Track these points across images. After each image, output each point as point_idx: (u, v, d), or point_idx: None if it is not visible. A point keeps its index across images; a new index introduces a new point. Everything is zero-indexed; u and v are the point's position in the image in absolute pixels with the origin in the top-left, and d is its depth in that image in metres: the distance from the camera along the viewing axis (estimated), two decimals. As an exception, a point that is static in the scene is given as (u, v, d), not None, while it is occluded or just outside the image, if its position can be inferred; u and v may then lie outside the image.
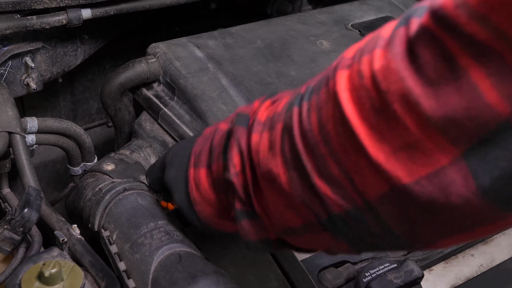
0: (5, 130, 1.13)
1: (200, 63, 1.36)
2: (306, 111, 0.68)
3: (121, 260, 1.01)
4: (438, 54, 0.55)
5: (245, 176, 0.78)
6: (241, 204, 0.80)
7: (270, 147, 0.73)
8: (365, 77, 0.61)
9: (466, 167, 0.56)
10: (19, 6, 1.31)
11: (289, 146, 0.70)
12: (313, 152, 0.67)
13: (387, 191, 0.62)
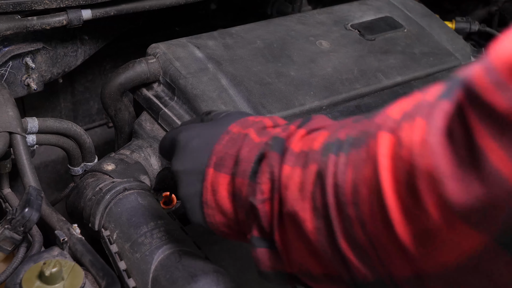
0: (5, 130, 1.13)
1: (200, 63, 1.36)
2: (343, 164, 0.65)
3: (122, 260, 1.01)
4: (463, 132, 0.52)
5: (272, 206, 0.74)
6: (260, 232, 0.76)
7: (301, 188, 0.69)
8: (403, 146, 0.57)
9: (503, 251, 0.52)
10: (19, 7, 1.31)
11: (321, 195, 0.67)
12: (342, 210, 0.64)
13: (411, 276, 0.59)
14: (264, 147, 0.78)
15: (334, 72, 1.41)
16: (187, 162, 0.86)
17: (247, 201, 0.77)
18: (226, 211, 0.83)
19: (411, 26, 1.62)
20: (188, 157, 0.87)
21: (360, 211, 0.61)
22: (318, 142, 0.71)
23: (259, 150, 0.79)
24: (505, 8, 2.17)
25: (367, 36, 1.55)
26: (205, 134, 0.87)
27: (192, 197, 0.86)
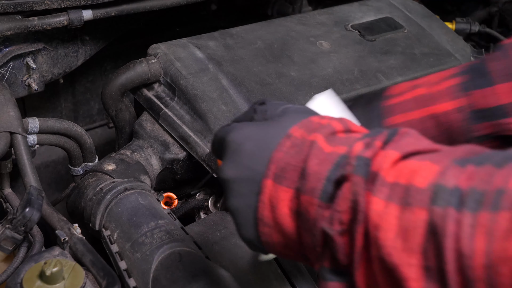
0: (6, 130, 1.13)
1: (201, 63, 1.36)
2: (469, 226, 0.54)
3: (122, 259, 1.01)
4: None
5: (353, 241, 0.63)
6: (334, 265, 0.66)
7: (403, 236, 0.58)
8: None
9: None
10: (20, 7, 1.32)
11: (436, 256, 0.56)
12: (468, 287, 0.54)
13: None
14: (343, 165, 0.66)
15: (334, 73, 1.41)
16: (240, 169, 0.74)
17: (316, 225, 0.66)
18: (287, 231, 0.71)
19: (411, 27, 1.62)
20: (241, 163, 0.74)
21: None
22: (422, 178, 0.59)
23: (331, 165, 0.67)
24: (505, 9, 2.17)
25: (367, 37, 1.55)
26: (261, 136, 0.75)
27: (244, 211, 0.74)
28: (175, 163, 1.31)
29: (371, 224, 0.60)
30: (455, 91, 0.88)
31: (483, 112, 0.84)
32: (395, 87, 1.06)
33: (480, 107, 0.85)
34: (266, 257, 1.01)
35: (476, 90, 0.85)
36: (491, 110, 0.83)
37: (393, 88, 1.04)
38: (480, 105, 0.85)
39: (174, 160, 1.31)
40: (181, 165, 1.31)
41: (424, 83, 0.95)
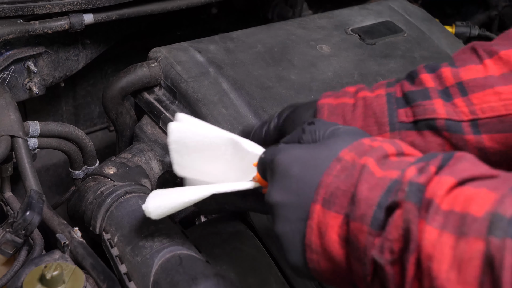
0: (7, 133, 1.13)
1: (201, 67, 1.37)
2: None
3: (122, 263, 1.01)
4: None
5: (404, 271, 0.61)
6: None
7: (459, 268, 0.56)
8: None
9: None
10: (21, 11, 1.32)
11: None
12: None
13: None
14: (395, 190, 0.63)
15: (334, 76, 1.41)
16: (288, 194, 0.72)
17: (366, 254, 0.64)
18: (335, 258, 0.69)
19: (411, 31, 1.62)
20: (289, 187, 0.72)
21: None
22: (479, 207, 0.57)
23: (382, 190, 0.64)
24: (505, 12, 2.17)
25: (367, 41, 1.55)
26: (310, 160, 0.72)
27: (291, 237, 0.72)
28: (176, 166, 1.31)
29: (424, 254, 0.58)
30: (384, 85, 0.88)
31: (406, 96, 0.83)
32: None
33: (404, 91, 0.84)
34: None
35: (402, 81, 0.86)
36: (414, 93, 0.82)
37: None
38: (404, 90, 0.84)
39: (175, 164, 1.31)
40: (182, 168, 1.32)
41: None
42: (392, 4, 1.75)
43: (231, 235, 1.15)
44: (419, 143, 0.81)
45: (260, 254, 1.12)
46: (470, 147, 0.78)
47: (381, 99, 0.84)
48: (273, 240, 1.14)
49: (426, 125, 0.80)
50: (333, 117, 0.85)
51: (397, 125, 0.82)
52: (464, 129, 0.78)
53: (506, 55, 0.77)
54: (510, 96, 0.75)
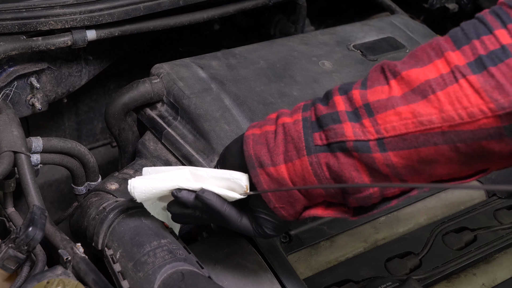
0: (10, 149, 1.14)
1: (203, 83, 1.37)
2: None
3: (125, 279, 1.01)
4: None
5: None
6: None
7: None
8: None
9: None
10: (25, 28, 1.33)
11: None
12: None
13: None
14: None
15: (336, 92, 1.41)
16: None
17: None
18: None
19: (413, 47, 1.63)
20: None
21: None
22: None
23: None
24: (507, 29, 2.17)
25: (369, 57, 1.56)
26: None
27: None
28: (178, 182, 1.31)
29: None
30: (301, 108, 0.95)
31: (319, 120, 0.89)
32: None
33: (317, 116, 0.90)
34: None
35: (317, 104, 0.91)
36: (326, 117, 0.88)
37: None
38: (317, 114, 0.90)
39: (177, 179, 1.31)
40: (184, 184, 1.32)
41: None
42: (394, 20, 1.75)
43: (233, 251, 1.15)
44: (333, 163, 0.87)
45: (262, 270, 1.12)
46: (379, 164, 0.85)
47: (298, 125, 0.91)
48: (274, 257, 1.14)
49: (338, 147, 0.87)
50: (258, 146, 0.94)
51: (313, 148, 0.89)
52: (371, 148, 0.84)
53: (407, 75, 0.83)
54: (409, 116, 0.81)
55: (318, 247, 1.25)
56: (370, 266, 1.22)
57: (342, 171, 0.87)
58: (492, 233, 1.33)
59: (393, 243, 1.29)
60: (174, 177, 1.00)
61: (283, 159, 0.91)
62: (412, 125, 0.81)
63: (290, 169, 0.91)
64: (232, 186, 0.97)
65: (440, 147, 0.82)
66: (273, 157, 0.92)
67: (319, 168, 0.88)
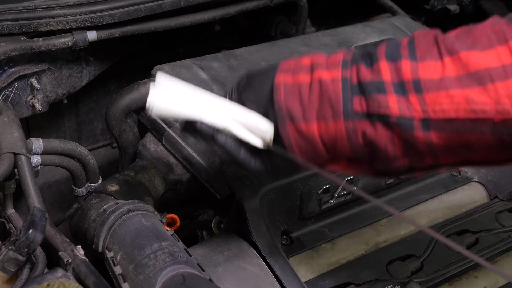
0: (10, 151, 1.13)
1: (204, 84, 1.36)
2: None
3: (125, 281, 1.01)
4: None
5: None
6: None
7: None
8: None
9: None
10: (25, 28, 1.32)
11: None
12: None
13: None
14: None
15: (338, 94, 1.41)
16: None
17: None
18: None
19: (414, 48, 1.62)
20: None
21: None
22: None
23: None
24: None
25: (371, 58, 1.55)
26: None
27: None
28: (179, 184, 1.31)
29: None
30: (340, 63, 0.89)
31: (362, 86, 0.85)
32: None
33: (360, 80, 0.85)
34: None
35: (359, 64, 0.87)
36: (370, 85, 0.84)
37: None
38: (360, 78, 0.85)
39: (178, 181, 1.31)
40: (185, 186, 1.31)
41: (322, 54, 0.97)
42: (395, 21, 1.75)
43: (234, 253, 1.15)
44: (370, 133, 0.84)
45: (263, 273, 1.12)
46: (418, 142, 0.82)
47: (337, 85, 0.86)
48: (276, 259, 1.14)
49: (378, 118, 0.84)
50: (290, 98, 0.89)
51: (351, 114, 0.85)
52: (415, 126, 0.81)
53: (466, 57, 0.79)
54: (461, 101, 0.78)
55: (319, 249, 1.25)
56: (372, 269, 1.22)
57: (378, 142, 0.85)
58: (494, 236, 1.33)
59: (394, 245, 1.28)
60: (199, 106, 0.94)
61: (316, 117, 0.87)
62: (464, 111, 0.78)
63: (322, 128, 0.87)
64: (254, 130, 0.92)
65: (486, 136, 0.79)
66: (305, 113, 0.88)
67: (354, 134, 0.86)
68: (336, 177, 0.82)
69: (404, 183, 1.41)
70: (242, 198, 1.16)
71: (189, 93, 0.95)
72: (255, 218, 1.16)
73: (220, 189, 1.19)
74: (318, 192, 1.25)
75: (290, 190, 1.22)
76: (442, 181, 1.46)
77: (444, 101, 0.79)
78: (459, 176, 1.47)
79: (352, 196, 1.31)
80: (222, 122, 0.92)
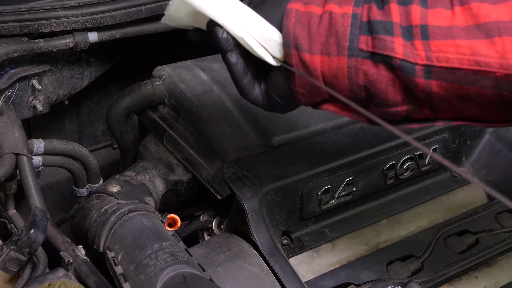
0: (12, 151, 1.14)
1: (205, 85, 1.37)
2: None
3: (126, 281, 1.01)
4: None
5: None
6: None
7: None
8: None
9: None
10: (26, 29, 1.33)
11: None
12: None
13: None
14: None
15: (338, 95, 1.41)
16: None
17: None
18: None
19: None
20: None
21: None
22: None
23: None
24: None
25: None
26: None
27: None
28: (180, 184, 1.31)
29: None
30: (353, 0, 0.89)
31: (371, 24, 0.84)
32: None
33: (370, 19, 0.85)
34: None
35: (371, 3, 0.86)
36: (378, 24, 0.84)
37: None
38: (370, 17, 0.85)
39: (179, 182, 1.31)
40: (186, 186, 1.32)
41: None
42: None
43: (234, 253, 1.15)
44: (372, 73, 0.84)
45: (264, 273, 1.12)
46: (418, 88, 0.82)
47: (347, 20, 0.86)
48: (276, 259, 1.14)
49: (382, 59, 0.83)
50: (299, 27, 0.88)
51: (355, 51, 0.85)
52: (416, 72, 0.81)
53: (477, 8, 0.78)
54: (467, 51, 0.78)
55: (319, 250, 1.25)
56: (372, 269, 1.22)
57: (379, 83, 0.84)
58: (494, 236, 1.33)
59: (394, 246, 1.28)
60: (222, 7, 0.90)
61: (321, 50, 0.87)
62: (468, 62, 0.78)
63: (324, 62, 0.87)
64: (268, 44, 0.91)
65: (486, 91, 0.79)
66: (311, 44, 0.87)
67: (355, 72, 0.85)
68: (412, 138, 0.79)
69: (405, 184, 1.41)
70: (243, 198, 1.16)
71: None
72: (255, 218, 1.16)
73: (220, 189, 1.20)
74: (319, 193, 1.25)
75: (290, 190, 1.23)
76: (442, 182, 1.46)
77: (449, 50, 0.79)
78: (459, 176, 1.47)
79: (352, 196, 1.32)
80: (240, 31, 0.90)
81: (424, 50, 0.80)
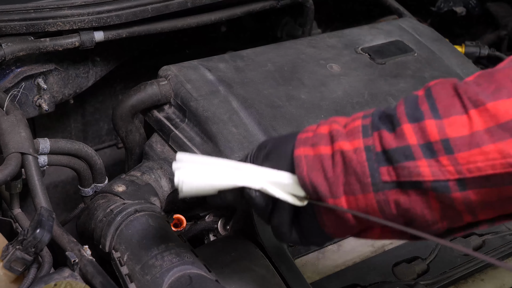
0: (18, 151, 1.13)
1: (211, 85, 1.36)
2: None
3: (132, 282, 1.01)
4: None
5: None
6: None
7: None
8: None
9: None
10: (32, 28, 1.33)
11: None
12: None
13: None
14: None
15: (344, 96, 1.41)
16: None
17: None
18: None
19: (421, 50, 1.62)
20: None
21: None
22: None
23: None
24: (515, 32, 2.17)
25: (377, 60, 1.55)
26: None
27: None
28: (185, 184, 1.31)
29: None
30: (360, 131, 0.83)
31: (387, 153, 0.79)
32: None
33: (385, 148, 0.79)
34: None
35: (381, 130, 0.81)
36: (396, 151, 0.78)
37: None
38: (384, 146, 0.80)
39: (184, 182, 1.31)
40: (191, 187, 1.31)
41: (340, 120, 0.90)
42: (402, 23, 1.75)
43: (240, 254, 1.15)
44: (404, 201, 0.80)
45: (270, 274, 1.12)
46: (456, 202, 0.77)
47: (361, 156, 0.81)
48: (282, 261, 1.14)
49: (411, 185, 0.78)
50: (314, 173, 0.83)
51: (380, 185, 0.80)
52: (451, 188, 0.76)
53: (494, 108, 0.73)
54: (497, 156, 0.73)
55: (325, 251, 1.25)
56: (378, 271, 1.22)
57: (413, 209, 0.79)
58: (500, 239, 1.32)
59: (400, 248, 1.28)
60: (230, 173, 0.88)
61: (343, 191, 0.81)
62: (500, 166, 0.73)
63: (351, 202, 0.81)
64: (285, 188, 0.87)
65: None
66: (332, 188, 0.82)
67: (386, 205, 0.80)
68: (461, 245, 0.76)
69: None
70: (249, 199, 1.16)
71: (214, 164, 0.90)
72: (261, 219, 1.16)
73: (226, 190, 1.19)
74: (325, 194, 1.25)
75: (296, 191, 1.22)
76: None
77: (478, 159, 0.74)
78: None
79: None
80: (257, 184, 0.87)
81: (452, 165, 0.75)
